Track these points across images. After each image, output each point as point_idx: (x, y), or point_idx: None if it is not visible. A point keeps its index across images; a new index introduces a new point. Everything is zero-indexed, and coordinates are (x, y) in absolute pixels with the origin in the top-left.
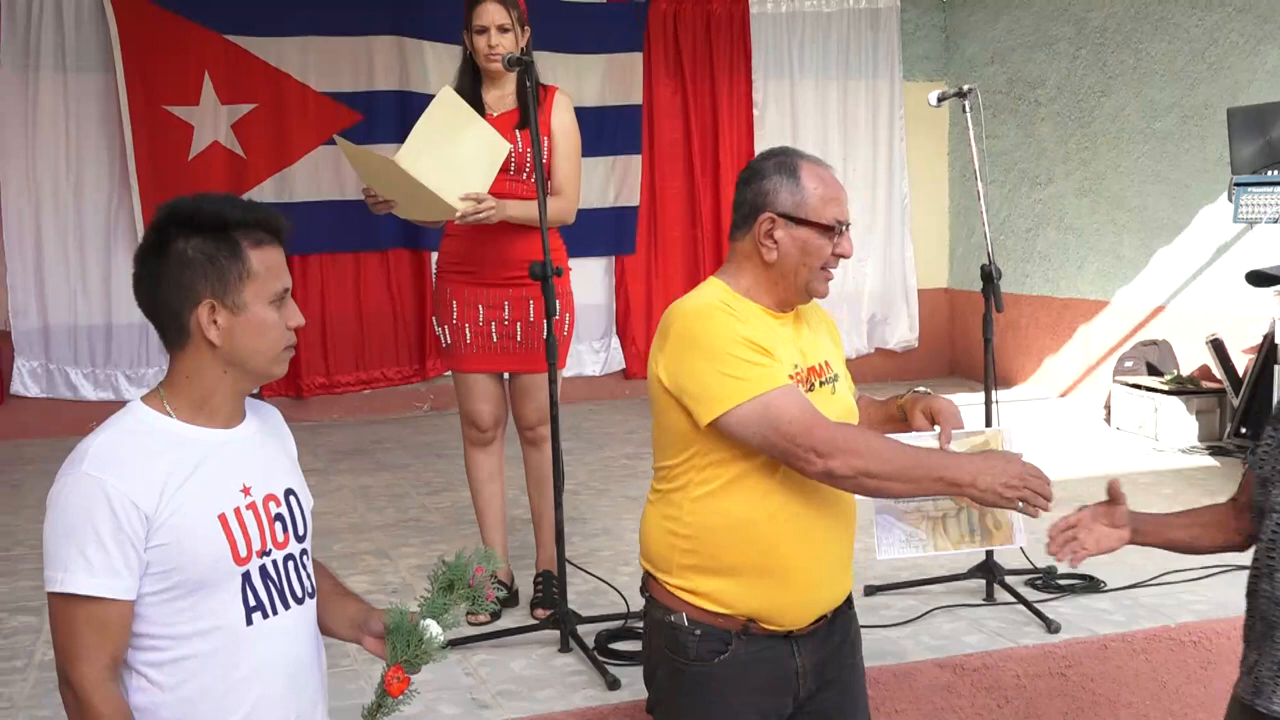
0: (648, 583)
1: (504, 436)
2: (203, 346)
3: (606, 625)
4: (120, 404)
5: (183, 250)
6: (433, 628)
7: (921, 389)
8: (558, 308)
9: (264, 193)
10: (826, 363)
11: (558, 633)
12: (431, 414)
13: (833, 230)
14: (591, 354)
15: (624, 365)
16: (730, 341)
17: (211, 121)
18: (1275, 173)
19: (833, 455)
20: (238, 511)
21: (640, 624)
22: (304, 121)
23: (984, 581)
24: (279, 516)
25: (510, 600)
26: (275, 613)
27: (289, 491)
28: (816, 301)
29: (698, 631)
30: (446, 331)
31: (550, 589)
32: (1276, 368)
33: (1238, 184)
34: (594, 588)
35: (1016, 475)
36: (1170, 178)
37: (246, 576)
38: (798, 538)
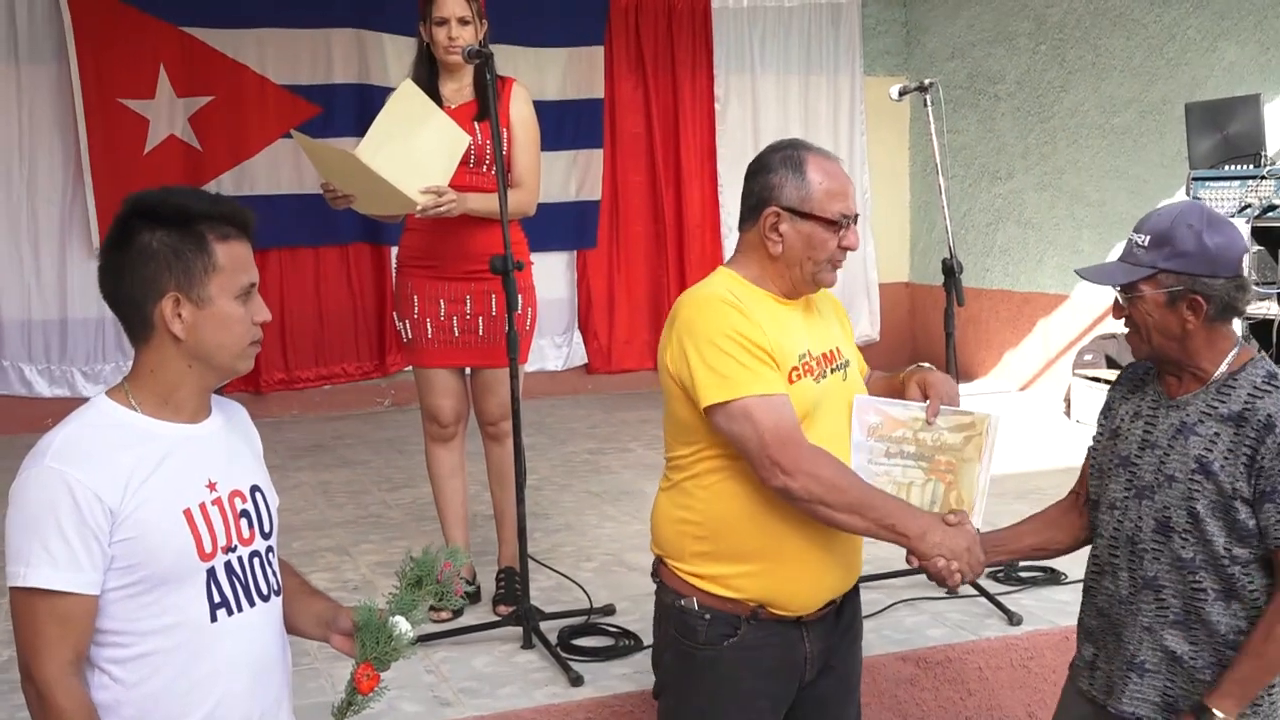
0: (658, 569)
1: (465, 432)
2: (167, 340)
3: (569, 622)
4: (77, 400)
5: (147, 243)
6: (402, 624)
7: (925, 365)
8: (520, 302)
9: (222, 186)
10: (837, 349)
11: (520, 629)
12: (392, 409)
13: (837, 224)
14: (554, 349)
15: (586, 360)
16: (725, 338)
17: (167, 114)
18: (1232, 167)
19: (794, 475)
20: (203, 507)
21: (603, 621)
22: (262, 114)
23: None
24: (244, 513)
25: (472, 597)
26: (240, 609)
27: (255, 488)
28: (833, 291)
29: (707, 616)
30: (408, 326)
31: (512, 585)
32: None
33: (1195, 179)
34: (556, 584)
35: (962, 553)
36: (1129, 173)
37: (211, 573)
38: (808, 525)
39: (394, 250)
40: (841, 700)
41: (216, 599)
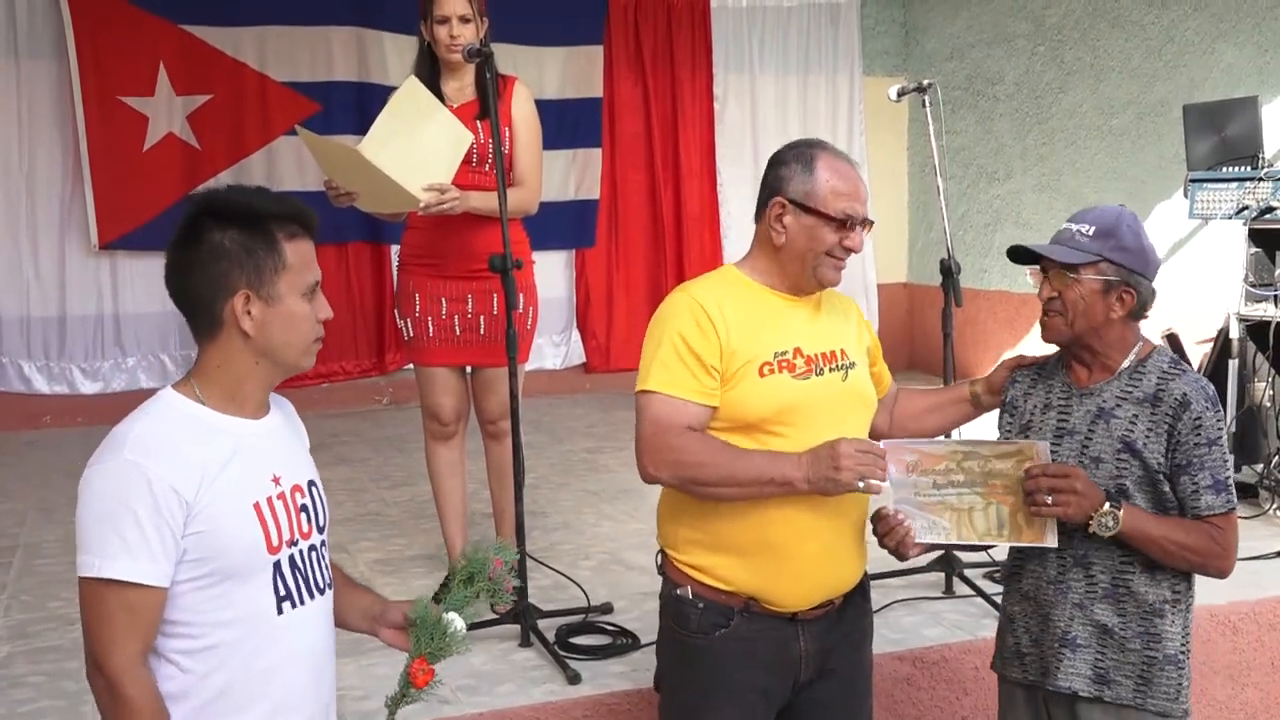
0: (662, 560)
1: (465, 430)
2: (235, 337)
3: (567, 620)
4: (76, 397)
5: (219, 241)
6: (456, 621)
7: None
8: (520, 300)
9: (221, 184)
10: (843, 350)
11: (518, 627)
12: (391, 407)
13: (840, 223)
14: (552, 347)
15: (585, 359)
16: (668, 337)
17: (166, 112)
18: (1229, 169)
19: (660, 466)
20: (270, 501)
21: (600, 619)
22: (262, 112)
23: (943, 575)
24: (304, 507)
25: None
26: (302, 603)
27: (310, 482)
28: (841, 294)
29: (700, 605)
30: (409, 324)
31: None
32: (1231, 362)
33: (1193, 180)
34: (554, 582)
35: (844, 455)
36: (1127, 174)
37: (277, 566)
38: (795, 518)
39: (394, 249)
40: (846, 707)
41: (281, 592)
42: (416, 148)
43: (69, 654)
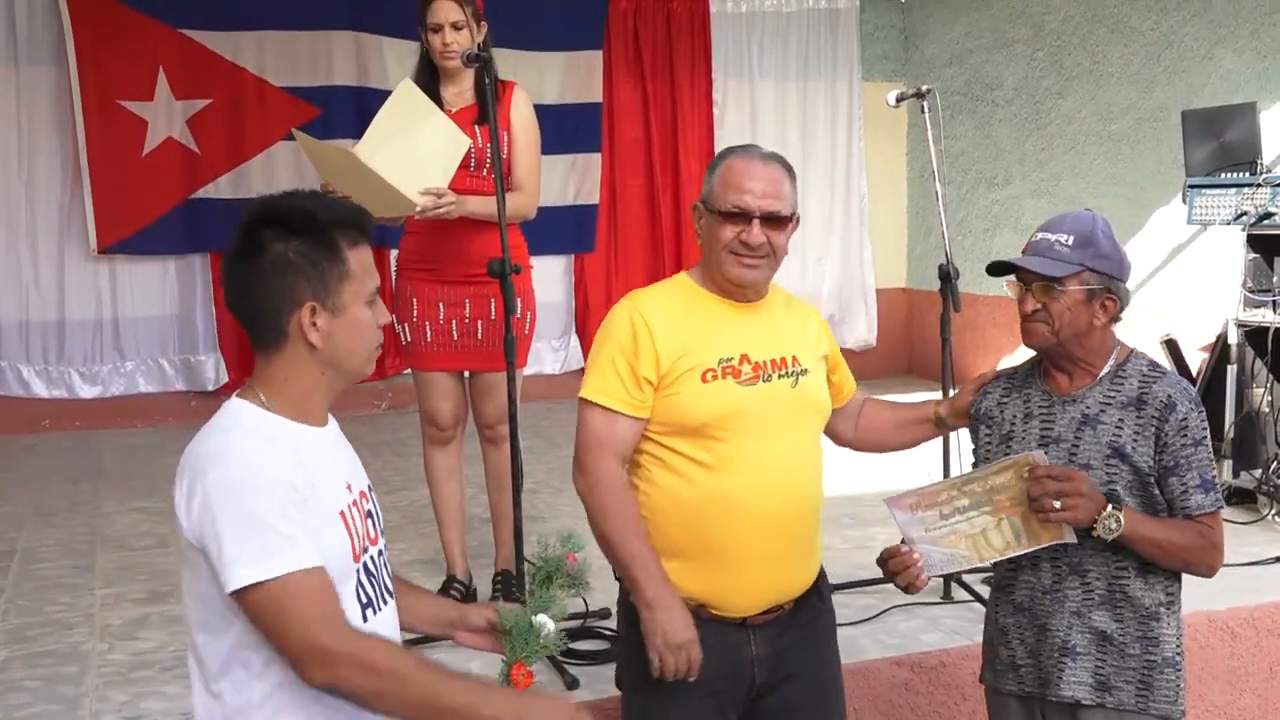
0: None
1: (463, 435)
2: (301, 348)
3: (565, 625)
4: (74, 402)
5: (282, 252)
6: (548, 624)
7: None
8: (519, 305)
9: (220, 189)
10: (794, 357)
11: None
12: (389, 412)
13: (732, 217)
14: (551, 352)
15: (583, 364)
16: (608, 347)
17: (165, 117)
18: (1228, 175)
19: (579, 472)
20: (350, 508)
21: (598, 624)
22: (261, 117)
23: (941, 580)
24: (369, 513)
25: (469, 599)
26: (380, 609)
27: (369, 488)
28: (803, 301)
29: None
30: (407, 329)
31: (509, 588)
32: (1230, 368)
33: (1191, 186)
34: None
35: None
36: (1126, 180)
37: (358, 573)
38: (739, 521)
39: (393, 253)
40: (816, 708)
41: (363, 599)
42: (412, 151)
43: (66, 659)
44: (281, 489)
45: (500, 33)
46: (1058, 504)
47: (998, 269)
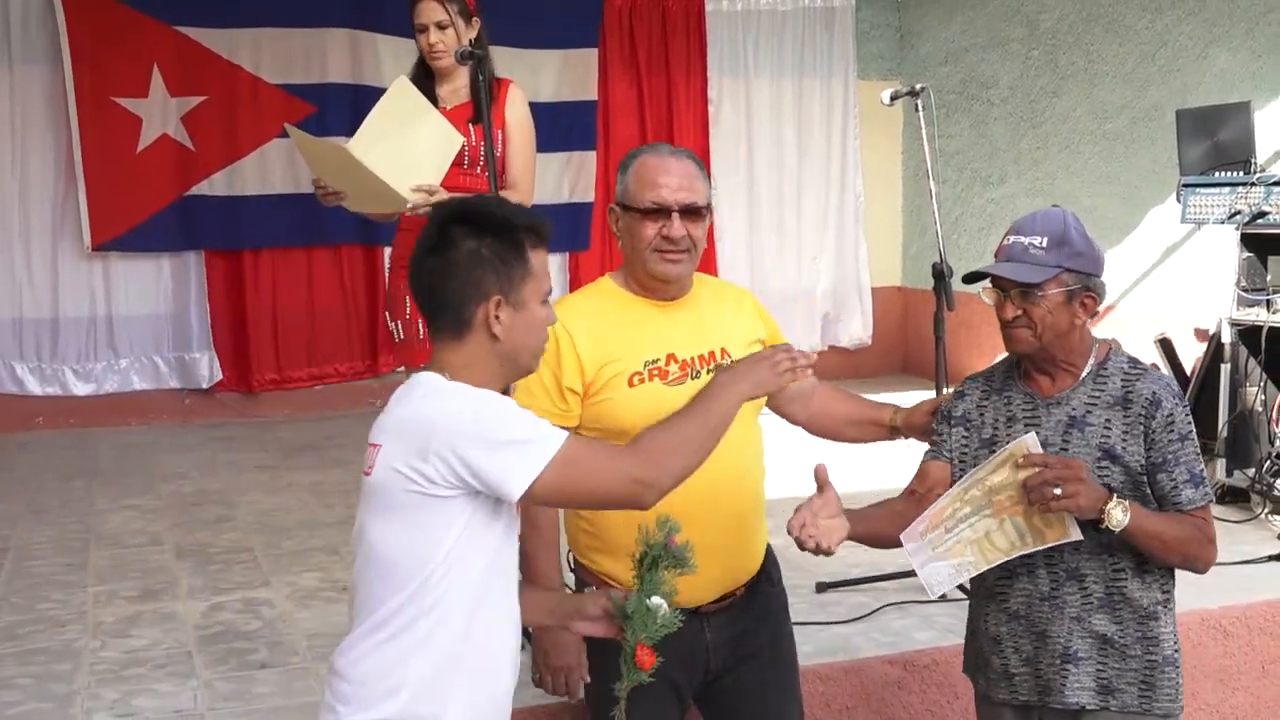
0: (574, 560)
1: None
2: (483, 339)
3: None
4: (68, 399)
5: (474, 248)
6: (662, 604)
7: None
8: None
9: (214, 186)
10: (723, 349)
11: None
12: (383, 409)
13: (651, 213)
14: None
15: None
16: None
17: (160, 113)
18: (1222, 174)
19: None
20: None
21: None
22: (256, 113)
23: None
24: None
25: None
26: (514, 582)
27: None
28: (734, 286)
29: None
30: (399, 326)
31: None
32: (1223, 367)
33: (1185, 185)
34: None
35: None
36: (1120, 179)
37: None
38: (679, 515)
39: (387, 251)
40: (772, 685)
41: (510, 569)
42: (406, 148)
43: (58, 656)
44: (506, 402)
45: (496, 30)
46: (1057, 490)
47: (975, 277)
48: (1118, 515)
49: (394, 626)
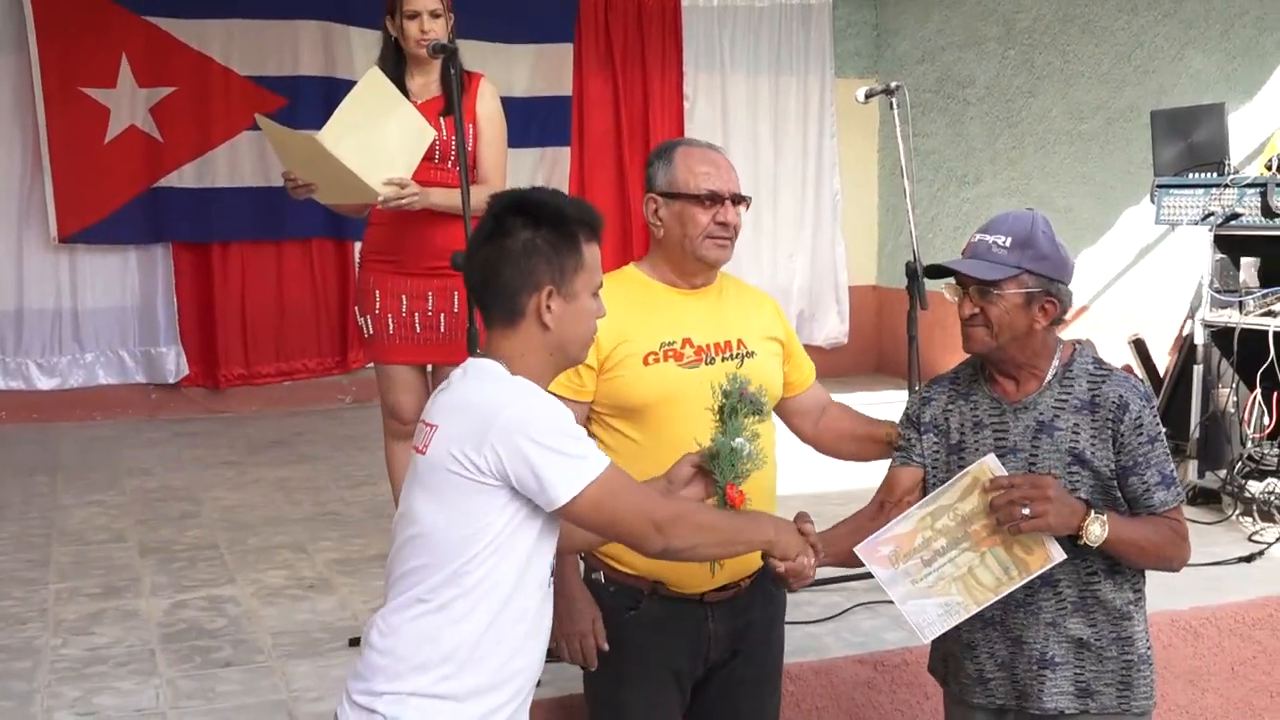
0: None
1: None
2: (535, 328)
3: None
4: (32, 393)
5: (530, 239)
6: (746, 445)
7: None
8: None
9: (184, 178)
10: (739, 340)
11: None
12: (353, 406)
13: (707, 200)
14: None
15: None
16: None
17: (129, 104)
18: (1196, 175)
19: None
20: None
21: None
22: (226, 105)
23: None
24: None
25: None
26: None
27: None
28: (760, 290)
29: (612, 589)
30: (369, 322)
31: None
32: (1196, 368)
33: (1159, 186)
34: None
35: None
36: (1095, 179)
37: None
38: None
39: (357, 245)
40: (757, 683)
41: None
42: (377, 140)
43: (18, 654)
44: (567, 414)
45: (470, 24)
46: (1025, 510)
47: (936, 272)
48: (1095, 530)
49: (433, 603)
